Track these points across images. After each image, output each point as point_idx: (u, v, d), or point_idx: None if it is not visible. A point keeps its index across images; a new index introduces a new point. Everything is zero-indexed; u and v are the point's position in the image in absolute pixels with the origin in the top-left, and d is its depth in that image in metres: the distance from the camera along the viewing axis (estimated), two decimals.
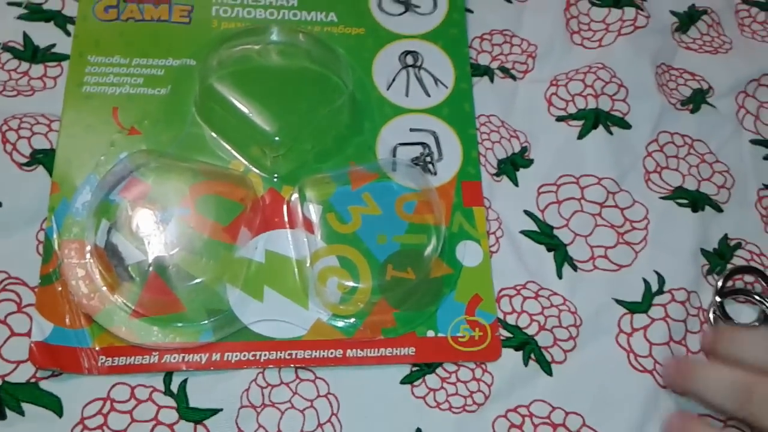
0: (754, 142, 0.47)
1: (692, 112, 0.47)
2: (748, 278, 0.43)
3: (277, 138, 0.41)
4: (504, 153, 0.45)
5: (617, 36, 0.48)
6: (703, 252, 0.43)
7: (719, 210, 0.44)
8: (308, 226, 0.40)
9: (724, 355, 0.34)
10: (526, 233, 0.43)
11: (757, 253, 0.44)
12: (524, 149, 0.45)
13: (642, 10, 0.49)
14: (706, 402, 0.34)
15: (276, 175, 0.42)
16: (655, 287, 0.42)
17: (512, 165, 0.45)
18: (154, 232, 0.38)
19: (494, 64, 0.48)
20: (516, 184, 0.44)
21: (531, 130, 0.46)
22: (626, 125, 0.46)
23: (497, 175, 0.45)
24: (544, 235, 0.43)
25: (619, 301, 0.42)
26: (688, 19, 0.50)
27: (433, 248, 0.41)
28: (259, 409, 0.37)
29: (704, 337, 0.36)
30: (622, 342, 0.41)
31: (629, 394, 0.39)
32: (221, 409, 0.37)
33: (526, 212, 0.44)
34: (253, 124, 0.41)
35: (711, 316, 0.41)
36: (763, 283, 0.42)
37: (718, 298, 0.41)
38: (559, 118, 0.46)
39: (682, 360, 0.39)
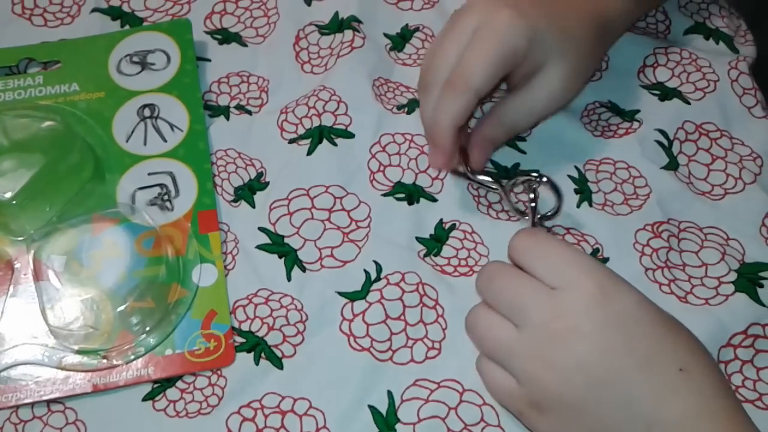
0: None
1: (408, 113, 0.52)
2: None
3: (14, 201, 0.46)
4: (241, 180, 0.50)
5: (337, 58, 0.54)
6: (420, 239, 0.48)
7: (433, 200, 0.49)
8: (53, 276, 0.45)
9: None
10: (260, 247, 0.48)
11: (469, 231, 0.48)
12: (260, 174, 0.51)
13: (358, 31, 0.54)
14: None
15: (21, 237, 0.46)
16: (373, 276, 0.46)
17: (249, 190, 0.50)
18: None
19: (233, 103, 0.53)
20: (253, 206, 0.49)
21: (266, 156, 0.51)
22: (350, 135, 0.51)
23: (235, 201, 0.50)
24: (276, 245, 0.48)
25: (341, 293, 0.46)
26: (401, 39, 0.55)
27: (168, 276, 0.46)
28: None
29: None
30: (344, 328, 0.45)
31: (349, 373, 0.44)
32: None
33: (261, 228, 0.48)
34: None
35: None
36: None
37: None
38: (291, 141, 0.51)
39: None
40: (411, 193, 0.49)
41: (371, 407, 0.43)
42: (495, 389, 0.41)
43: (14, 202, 0.46)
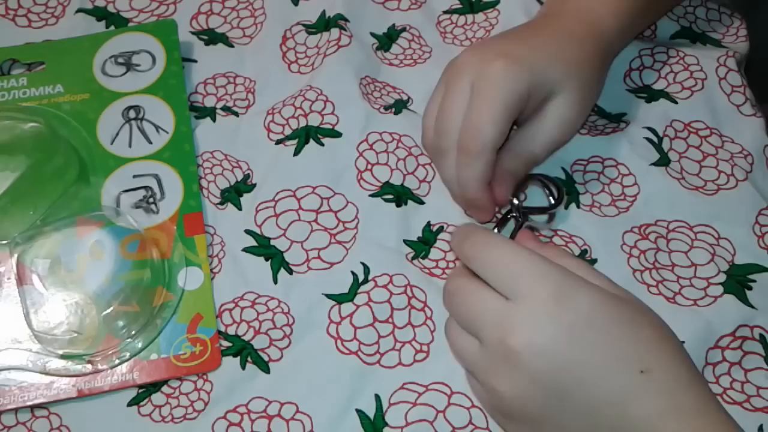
0: None
1: (395, 114, 0.51)
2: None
3: None
4: (227, 183, 0.50)
5: (324, 57, 0.53)
6: (408, 242, 0.47)
7: (421, 203, 0.49)
8: (37, 280, 0.45)
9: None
10: (246, 250, 0.48)
11: None
12: (247, 176, 0.50)
13: (345, 30, 0.54)
14: None
15: (4, 241, 0.46)
16: (361, 277, 0.46)
17: (236, 192, 0.50)
18: None
19: (219, 104, 0.53)
20: (240, 208, 0.49)
21: (253, 157, 0.51)
22: (337, 134, 0.51)
23: (221, 203, 0.49)
24: (262, 247, 0.47)
25: (328, 296, 0.46)
26: (387, 39, 0.55)
27: (153, 280, 0.45)
28: None
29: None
30: (331, 331, 0.45)
31: (337, 377, 0.43)
32: None
33: (247, 231, 0.48)
34: None
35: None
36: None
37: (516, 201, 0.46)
38: (278, 142, 0.51)
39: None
40: (399, 195, 0.49)
41: (359, 411, 0.43)
42: (478, 398, 0.41)
43: None
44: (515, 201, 0.45)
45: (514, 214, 0.45)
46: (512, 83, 0.42)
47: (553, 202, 0.46)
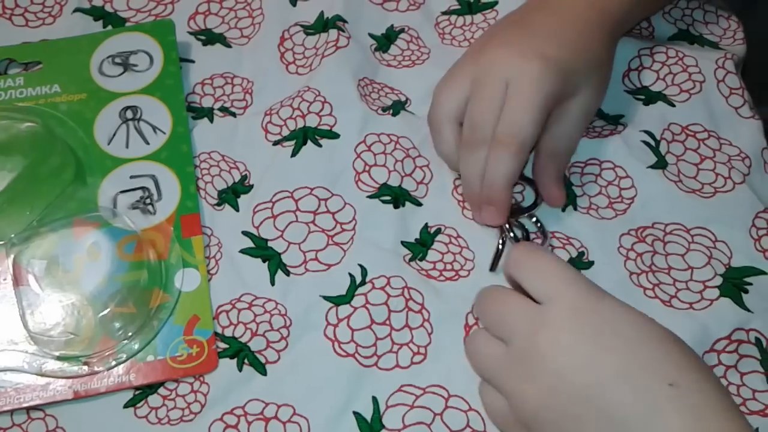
0: None
1: (393, 115, 0.51)
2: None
3: None
4: (224, 184, 0.50)
5: (322, 58, 0.53)
6: (405, 244, 0.47)
7: (418, 204, 0.49)
8: (34, 280, 0.44)
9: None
10: (244, 251, 0.47)
11: (455, 236, 0.48)
12: (244, 177, 0.50)
13: (343, 31, 0.54)
14: None
15: (1, 241, 0.46)
16: (359, 279, 0.46)
17: (233, 193, 0.49)
18: None
19: (217, 105, 0.53)
20: (237, 209, 0.49)
21: (250, 158, 0.51)
22: (334, 135, 0.51)
23: (218, 204, 0.49)
24: (259, 249, 0.47)
25: (326, 297, 0.46)
26: (386, 40, 0.55)
27: (150, 281, 0.45)
28: None
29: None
30: (329, 333, 0.45)
31: (334, 379, 0.43)
32: None
33: (244, 232, 0.48)
34: None
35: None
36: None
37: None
38: (275, 143, 0.51)
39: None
40: (397, 197, 0.49)
41: (356, 414, 0.43)
42: (491, 412, 0.40)
43: None
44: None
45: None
46: (549, 85, 0.43)
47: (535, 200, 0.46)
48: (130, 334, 0.44)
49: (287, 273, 0.47)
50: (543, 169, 0.47)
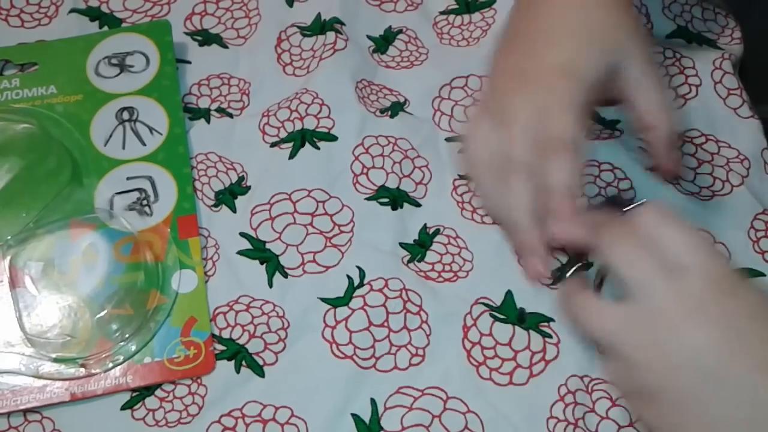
0: (449, 140, 0.51)
1: (391, 117, 0.51)
2: None
3: None
4: (222, 185, 0.50)
5: (319, 61, 0.53)
6: (404, 245, 0.47)
7: (417, 205, 0.49)
8: (30, 282, 0.44)
9: None
10: (241, 253, 0.47)
11: (453, 237, 0.48)
12: (241, 178, 0.50)
13: (341, 33, 0.54)
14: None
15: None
16: (356, 281, 0.46)
17: (230, 194, 0.49)
18: None
19: (214, 106, 0.52)
20: (234, 211, 0.49)
21: (247, 160, 0.51)
22: (332, 138, 0.50)
23: (216, 205, 0.49)
24: (257, 251, 0.47)
25: (324, 299, 0.46)
26: (384, 41, 0.55)
27: (147, 283, 0.45)
28: None
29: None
30: (327, 335, 0.45)
31: (332, 381, 0.43)
32: None
33: (242, 234, 0.48)
34: None
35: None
36: None
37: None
38: (273, 144, 0.51)
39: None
40: (395, 198, 0.48)
41: (354, 415, 0.42)
42: (611, 377, 0.39)
43: None
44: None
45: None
46: (572, 82, 0.42)
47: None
48: (127, 335, 0.44)
49: (285, 275, 0.46)
50: (661, 145, 0.44)
